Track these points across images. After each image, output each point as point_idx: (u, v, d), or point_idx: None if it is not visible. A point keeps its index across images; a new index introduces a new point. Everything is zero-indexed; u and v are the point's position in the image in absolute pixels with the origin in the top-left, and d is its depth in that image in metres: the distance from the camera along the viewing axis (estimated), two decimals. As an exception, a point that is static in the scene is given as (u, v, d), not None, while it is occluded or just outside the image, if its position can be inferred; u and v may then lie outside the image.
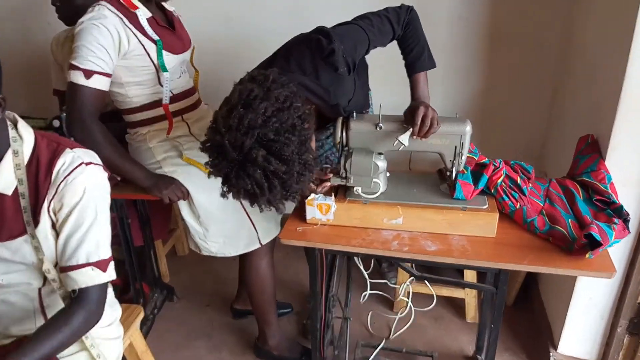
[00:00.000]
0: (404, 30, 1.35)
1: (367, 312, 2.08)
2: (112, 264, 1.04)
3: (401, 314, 2.03)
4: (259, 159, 0.99)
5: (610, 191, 1.33)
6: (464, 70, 2.17)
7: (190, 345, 1.99)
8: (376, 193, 1.31)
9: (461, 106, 2.22)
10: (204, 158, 1.09)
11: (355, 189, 1.31)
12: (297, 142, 1.04)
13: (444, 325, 2.04)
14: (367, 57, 1.42)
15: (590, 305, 1.61)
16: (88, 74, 1.35)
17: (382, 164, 1.28)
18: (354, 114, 1.30)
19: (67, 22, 1.83)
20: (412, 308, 1.95)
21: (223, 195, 1.08)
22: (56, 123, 1.61)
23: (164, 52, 1.48)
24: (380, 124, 1.25)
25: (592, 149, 1.46)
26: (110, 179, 1.59)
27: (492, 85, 2.19)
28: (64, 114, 1.61)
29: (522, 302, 2.10)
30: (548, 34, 2.04)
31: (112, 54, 1.39)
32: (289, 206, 1.75)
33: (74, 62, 1.36)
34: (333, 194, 1.34)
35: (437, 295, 2.02)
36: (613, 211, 1.28)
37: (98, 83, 1.38)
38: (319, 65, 1.25)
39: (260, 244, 1.66)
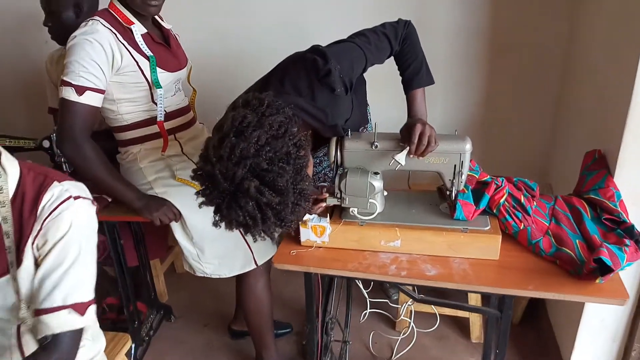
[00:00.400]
0: (401, 45, 1.30)
1: (369, 331, 2.02)
2: (92, 307, 0.96)
3: (404, 334, 1.96)
4: (251, 190, 0.94)
5: (620, 209, 1.27)
6: (464, 82, 2.12)
7: (187, 367, 1.94)
8: (373, 214, 1.25)
9: (462, 119, 2.17)
10: None
11: (351, 210, 1.26)
12: (292, 171, 0.99)
13: (448, 346, 1.96)
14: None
15: (602, 327, 1.54)
16: (80, 90, 1.32)
17: (378, 184, 1.22)
18: (349, 132, 1.25)
19: (60, 41, 1.80)
20: (415, 329, 1.88)
21: (215, 224, 1.03)
22: (46, 143, 1.58)
23: (158, 69, 1.45)
24: (376, 143, 1.20)
25: (600, 165, 1.40)
26: (100, 199, 1.56)
27: (493, 98, 2.13)
28: (53, 134, 1.58)
29: (529, 321, 2.02)
30: (552, 43, 1.98)
31: (105, 70, 1.35)
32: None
33: (65, 78, 1.33)
34: (328, 215, 1.29)
35: (440, 314, 1.95)
36: (623, 231, 1.22)
37: (90, 99, 1.34)
38: (315, 86, 1.19)
39: (256, 264, 1.61)
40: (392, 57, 1.34)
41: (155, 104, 1.48)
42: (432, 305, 1.89)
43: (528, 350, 1.89)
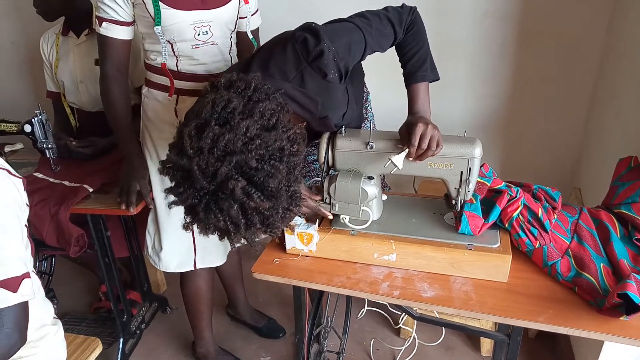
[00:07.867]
0: (406, 33, 1.14)
1: (370, 337, 1.89)
2: (26, 282, 0.90)
3: (406, 344, 1.83)
4: (237, 191, 0.79)
5: (655, 229, 1.09)
6: (488, 74, 1.91)
7: (179, 363, 1.87)
8: (366, 223, 1.11)
9: (485, 115, 1.98)
10: None
11: (341, 217, 1.12)
12: (285, 171, 0.84)
13: (455, 359, 1.83)
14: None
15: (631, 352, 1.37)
16: (99, 20, 1.31)
17: (372, 190, 1.07)
18: (343, 129, 1.11)
19: (47, 16, 1.70)
20: (417, 340, 1.74)
21: (185, 227, 0.89)
22: (27, 128, 1.49)
23: (161, 4, 1.25)
24: (372, 143, 1.05)
25: (635, 175, 1.22)
26: (80, 190, 1.47)
27: (520, 92, 1.93)
28: (35, 118, 1.50)
29: (548, 334, 1.86)
30: (589, 34, 1.76)
31: (119, 1, 1.27)
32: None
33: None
34: (317, 221, 1.15)
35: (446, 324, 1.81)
36: (658, 255, 1.05)
37: (107, 30, 1.30)
38: (304, 70, 1.03)
39: (195, 267, 1.51)
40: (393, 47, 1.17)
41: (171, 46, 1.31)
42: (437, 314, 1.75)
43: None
